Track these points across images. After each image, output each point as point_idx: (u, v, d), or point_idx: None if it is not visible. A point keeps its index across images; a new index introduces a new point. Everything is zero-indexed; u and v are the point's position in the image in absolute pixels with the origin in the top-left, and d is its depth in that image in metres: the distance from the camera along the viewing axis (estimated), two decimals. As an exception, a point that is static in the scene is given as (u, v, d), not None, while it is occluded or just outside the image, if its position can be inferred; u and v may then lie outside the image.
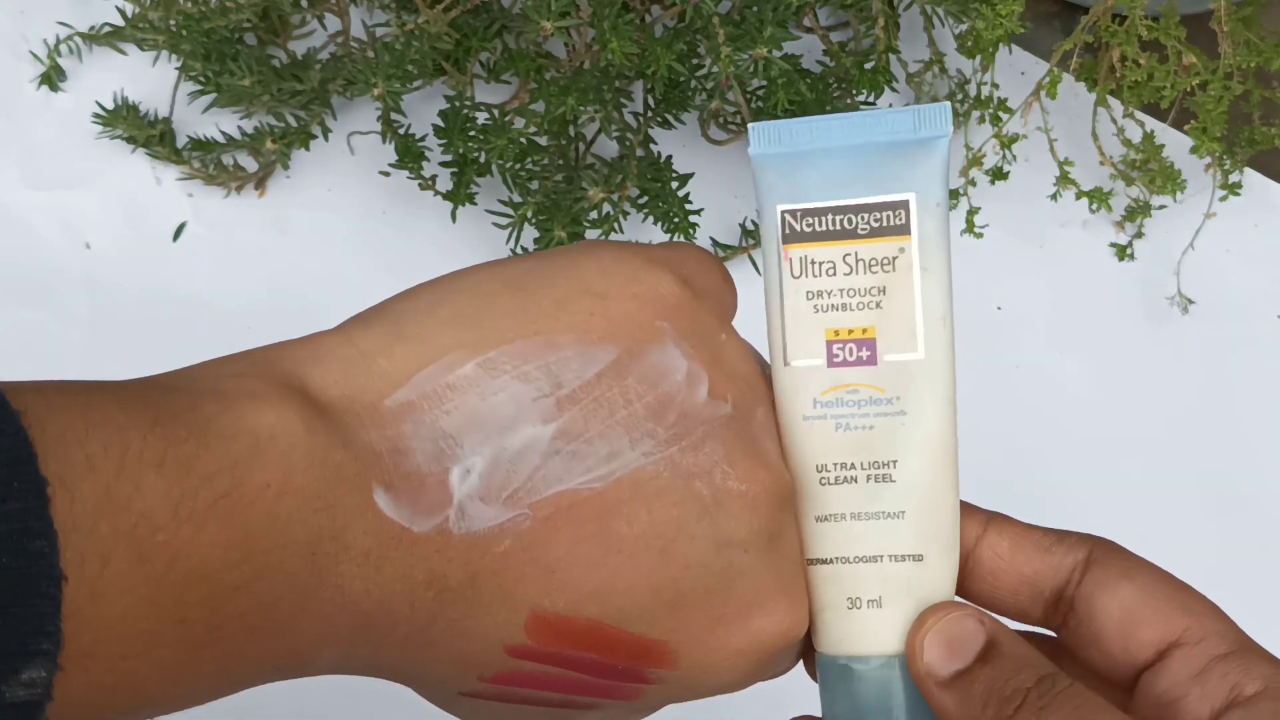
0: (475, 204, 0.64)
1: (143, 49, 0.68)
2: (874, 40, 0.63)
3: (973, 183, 0.67)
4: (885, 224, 0.33)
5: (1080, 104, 0.68)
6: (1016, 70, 0.71)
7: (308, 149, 0.66)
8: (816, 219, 0.34)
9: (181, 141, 0.67)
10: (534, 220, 0.62)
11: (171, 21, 0.65)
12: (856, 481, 0.34)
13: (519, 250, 0.63)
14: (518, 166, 0.63)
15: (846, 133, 0.34)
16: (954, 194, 0.67)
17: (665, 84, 0.60)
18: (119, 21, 0.68)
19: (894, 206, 0.33)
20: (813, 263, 0.34)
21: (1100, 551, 0.34)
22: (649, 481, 0.30)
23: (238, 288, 0.66)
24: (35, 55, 0.69)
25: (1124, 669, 0.34)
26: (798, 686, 0.37)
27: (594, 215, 0.62)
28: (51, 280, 0.66)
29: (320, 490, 0.27)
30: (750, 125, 0.35)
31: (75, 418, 0.25)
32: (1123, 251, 0.68)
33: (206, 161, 0.67)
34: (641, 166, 0.63)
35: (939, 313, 0.33)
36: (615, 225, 0.62)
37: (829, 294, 0.34)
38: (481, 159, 0.63)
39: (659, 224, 0.63)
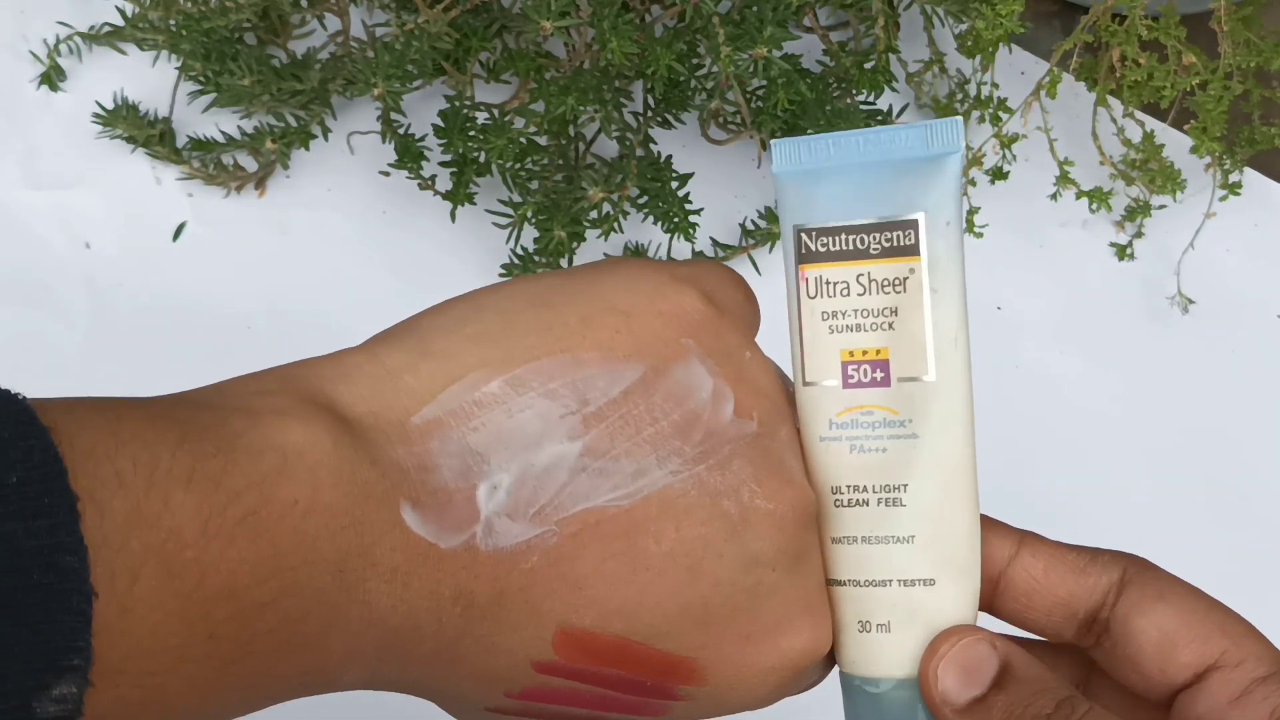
0: (475, 204, 0.64)
1: (142, 49, 0.68)
2: (874, 40, 0.63)
3: (973, 182, 0.67)
4: (896, 244, 0.33)
5: (1080, 104, 0.68)
6: (1016, 70, 0.71)
7: (307, 149, 0.66)
8: (830, 239, 0.34)
9: (181, 141, 0.67)
10: (534, 220, 0.62)
11: (171, 21, 0.65)
12: (868, 504, 0.34)
13: (518, 250, 0.63)
14: (517, 166, 0.63)
15: (863, 150, 0.34)
16: (954, 194, 0.67)
17: (665, 84, 0.60)
18: (119, 21, 0.68)
19: (904, 227, 0.33)
20: (827, 283, 0.34)
21: (1134, 572, 0.34)
22: (676, 499, 0.30)
23: (238, 287, 0.66)
24: (35, 55, 0.69)
25: (1160, 690, 0.33)
26: (817, 702, 0.37)
27: (594, 215, 0.62)
28: (51, 280, 0.66)
29: (348, 507, 0.27)
30: (773, 142, 0.35)
31: (104, 434, 0.25)
32: (1123, 251, 0.68)
33: (206, 161, 0.67)
34: (641, 166, 0.63)
35: (950, 335, 0.33)
36: (615, 225, 0.62)
37: (843, 314, 0.34)
38: (481, 159, 0.63)
39: (659, 224, 0.63)
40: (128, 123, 0.67)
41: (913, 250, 0.33)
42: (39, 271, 0.66)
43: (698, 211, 0.63)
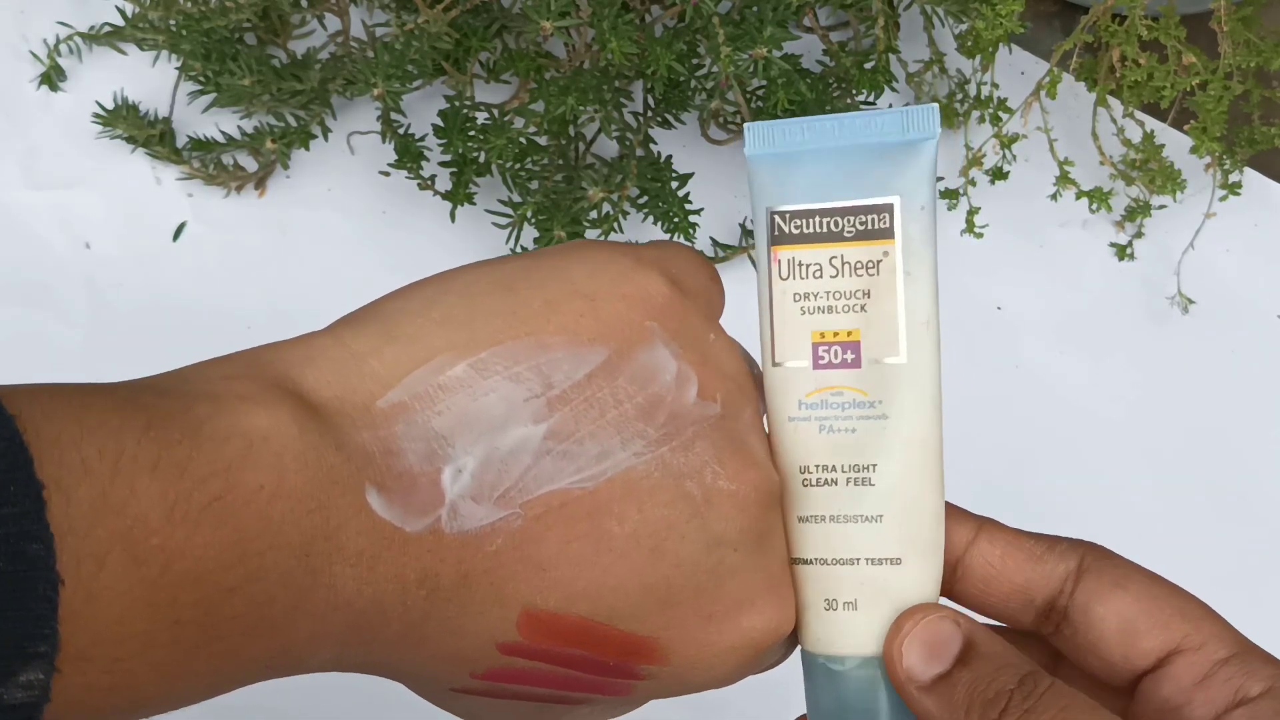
0: (474, 204, 0.64)
1: (143, 49, 0.68)
2: (874, 40, 0.63)
3: (973, 183, 0.67)
4: (870, 227, 0.34)
5: (1080, 104, 0.68)
6: (1016, 70, 0.71)
7: (307, 149, 0.66)
8: (804, 221, 0.34)
9: (181, 141, 0.67)
10: (533, 220, 0.62)
11: (171, 21, 0.65)
12: (837, 484, 0.34)
13: (518, 250, 0.63)
14: (517, 166, 0.63)
15: (838, 134, 0.34)
16: (954, 194, 0.67)
17: (665, 84, 0.60)
18: (119, 21, 0.68)
19: (878, 210, 0.34)
20: (800, 265, 0.34)
21: (1092, 559, 0.34)
22: (640, 481, 0.31)
23: (237, 287, 0.66)
24: (35, 55, 0.69)
25: (1123, 675, 0.34)
26: (795, 679, 0.37)
27: (594, 215, 0.62)
28: (51, 280, 0.66)
29: (313, 492, 0.28)
30: (746, 125, 0.35)
31: (70, 422, 0.25)
32: (1123, 251, 0.68)
33: (206, 161, 0.67)
34: (641, 166, 0.63)
35: (922, 317, 0.34)
36: (615, 225, 0.62)
37: (815, 296, 0.34)
38: (481, 159, 0.63)
39: (659, 224, 0.63)
40: (128, 123, 0.67)
41: (887, 234, 0.34)
42: (39, 271, 0.66)
43: (698, 211, 0.63)
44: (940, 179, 0.62)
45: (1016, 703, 0.31)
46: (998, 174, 0.66)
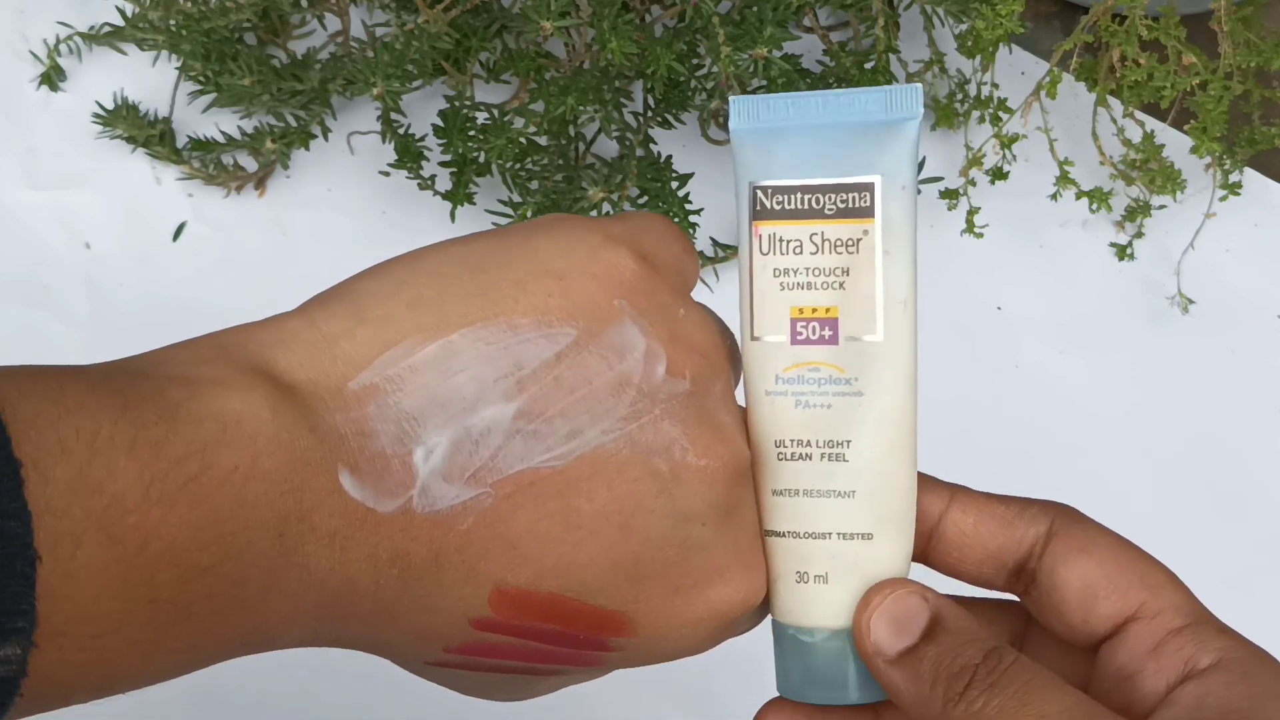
0: (475, 204, 0.64)
1: (143, 49, 0.68)
2: (874, 40, 0.63)
3: (973, 183, 0.67)
4: (851, 205, 0.34)
5: (1080, 104, 0.68)
6: (1016, 70, 0.71)
7: (307, 149, 0.66)
8: (786, 197, 0.34)
9: (181, 141, 0.67)
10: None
11: (171, 21, 0.65)
12: (811, 459, 0.34)
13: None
14: (517, 166, 0.63)
15: (822, 111, 0.34)
16: (954, 194, 0.67)
17: (665, 84, 0.60)
18: (119, 21, 0.68)
19: (859, 189, 0.34)
20: (781, 240, 0.34)
21: (1061, 523, 0.35)
22: (609, 459, 0.31)
23: (238, 287, 0.66)
24: (35, 55, 0.69)
25: (1084, 639, 0.34)
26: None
27: (594, 215, 0.62)
28: (51, 280, 0.66)
29: (287, 473, 0.28)
30: (731, 99, 0.35)
31: (47, 402, 0.26)
32: (1123, 251, 0.68)
33: (206, 161, 0.67)
34: (641, 166, 0.63)
35: (900, 296, 0.34)
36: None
37: (795, 272, 0.34)
38: (481, 159, 0.63)
39: (659, 224, 0.63)
40: (128, 123, 0.67)
41: (867, 212, 0.34)
42: (39, 271, 0.66)
43: (698, 211, 0.63)
44: (940, 179, 0.62)
45: (981, 676, 0.31)
46: (998, 174, 0.66)
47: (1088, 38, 0.63)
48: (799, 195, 0.34)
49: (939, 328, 0.67)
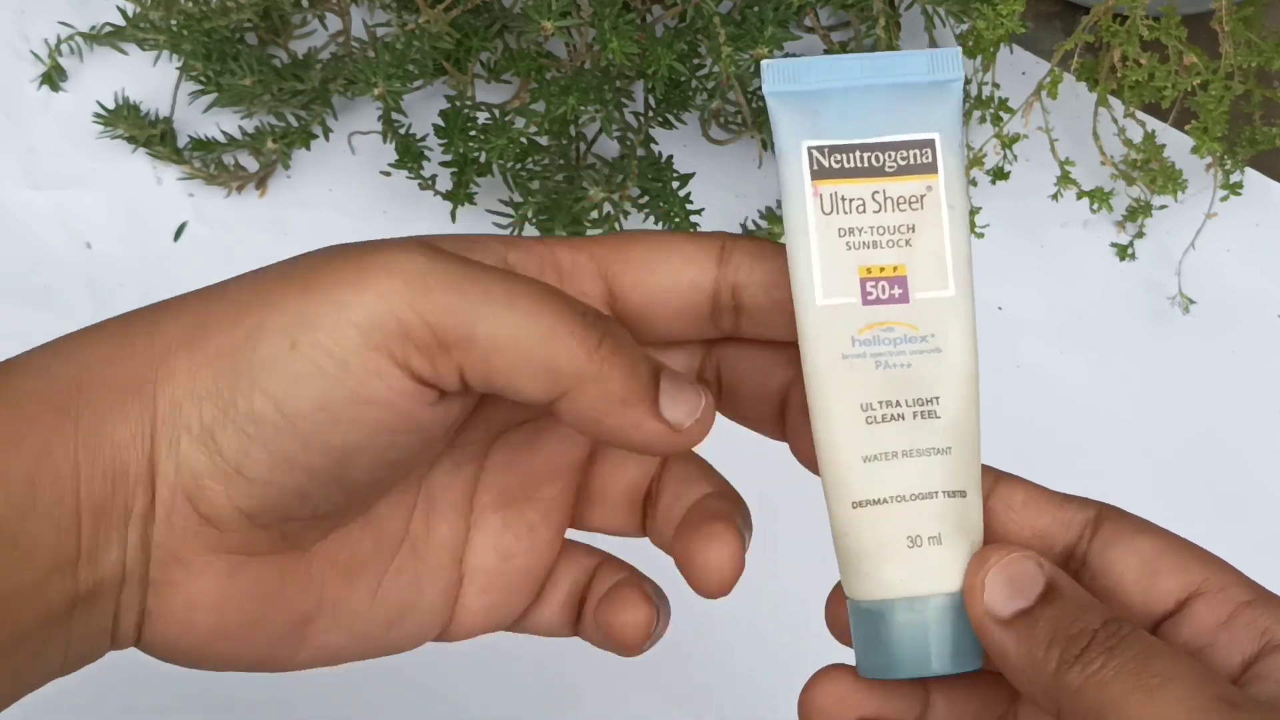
0: (475, 204, 0.64)
1: (143, 49, 0.68)
2: (875, 40, 0.63)
3: (974, 183, 0.67)
4: (913, 162, 0.33)
5: (1081, 104, 0.68)
6: (1017, 70, 0.71)
7: (308, 149, 0.66)
8: (845, 155, 0.33)
9: (182, 141, 0.67)
10: (535, 220, 0.62)
11: (172, 21, 0.65)
12: (904, 419, 0.33)
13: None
14: (518, 166, 0.63)
15: (862, 73, 0.33)
16: (955, 194, 0.67)
17: (666, 84, 0.60)
18: (120, 21, 0.68)
19: (920, 145, 0.33)
20: (843, 199, 0.33)
21: (1109, 511, 0.35)
22: None
23: (238, 287, 0.66)
24: (36, 55, 0.69)
25: (1142, 618, 0.34)
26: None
27: (595, 215, 0.62)
28: (51, 280, 0.66)
29: None
30: (764, 63, 0.34)
31: None
32: (1124, 251, 0.68)
33: (207, 161, 0.67)
34: (642, 166, 0.63)
35: (964, 251, 0.33)
36: (616, 225, 0.62)
37: (860, 231, 0.33)
38: (482, 159, 0.63)
39: (660, 223, 0.63)
40: (129, 123, 0.67)
41: (930, 168, 0.33)
42: (40, 272, 0.66)
43: (699, 211, 0.63)
44: (941, 179, 0.62)
45: (1100, 640, 0.30)
46: (999, 174, 0.66)
47: (1089, 38, 0.63)
48: (858, 153, 0.33)
49: (940, 328, 0.67)
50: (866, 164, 0.33)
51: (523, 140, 0.61)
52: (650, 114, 0.65)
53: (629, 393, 0.32)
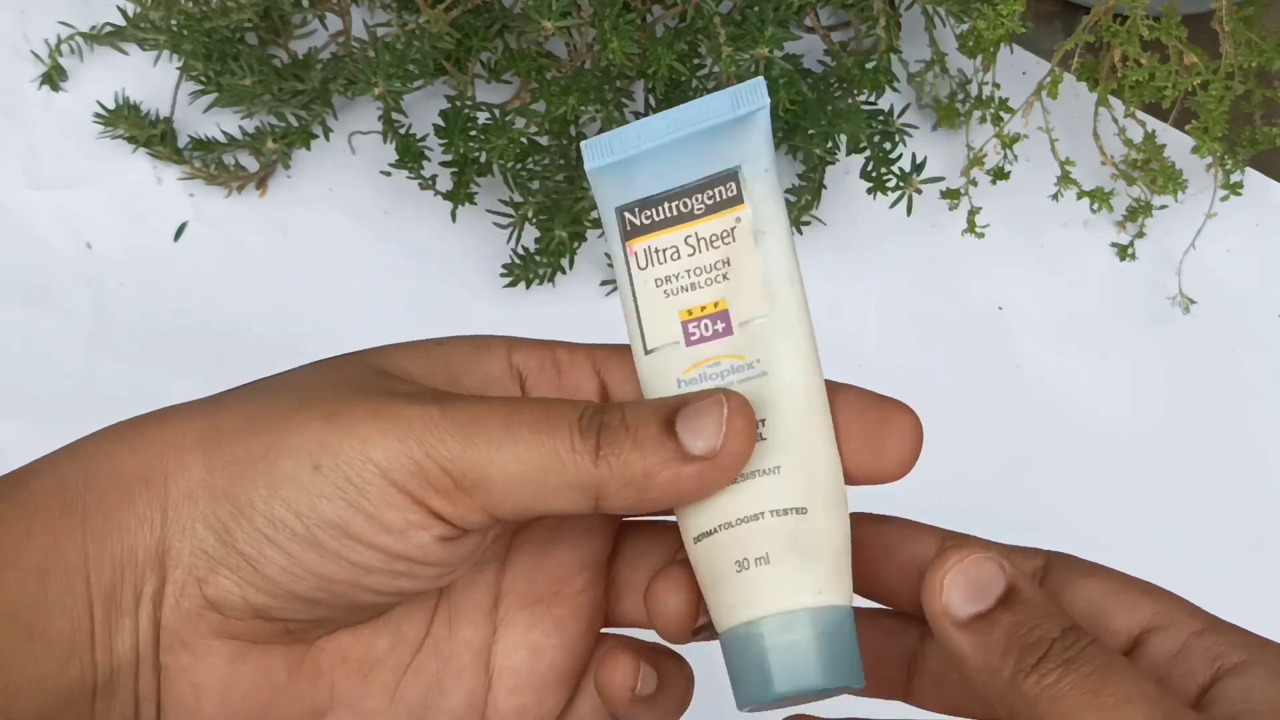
0: (475, 204, 0.64)
1: (144, 49, 0.68)
2: (875, 40, 0.63)
3: (974, 183, 0.67)
4: (719, 198, 0.34)
5: (1081, 104, 0.68)
6: (1018, 70, 0.71)
7: (309, 149, 0.66)
8: (654, 209, 0.34)
9: (183, 141, 0.67)
10: (535, 220, 0.62)
11: (173, 21, 0.65)
12: None
13: (519, 250, 0.63)
14: (518, 166, 0.63)
15: (671, 127, 0.34)
16: (955, 194, 0.67)
17: (666, 84, 0.60)
18: (120, 21, 0.68)
19: (723, 180, 0.34)
20: (657, 251, 0.34)
21: (1057, 558, 0.35)
22: None
23: (239, 287, 0.66)
24: (36, 55, 0.69)
25: None
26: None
27: (595, 215, 0.62)
28: (51, 280, 0.66)
29: None
30: (581, 143, 0.35)
31: None
32: (1124, 251, 0.68)
33: (208, 161, 0.67)
34: (642, 166, 0.63)
35: (782, 272, 0.34)
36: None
37: (676, 277, 0.34)
38: (482, 159, 0.63)
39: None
40: (129, 123, 0.67)
41: (736, 200, 0.34)
42: (40, 272, 0.66)
43: (699, 211, 0.63)
44: (941, 179, 0.62)
45: (1057, 651, 0.30)
46: (999, 174, 0.66)
47: (1089, 38, 0.63)
48: (666, 204, 0.34)
49: (939, 327, 0.67)
50: (675, 212, 0.34)
51: (523, 140, 0.61)
52: (650, 114, 0.65)
53: (647, 465, 0.32)
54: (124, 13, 0.68)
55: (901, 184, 0.61)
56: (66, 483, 0.32)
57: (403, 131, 0.64)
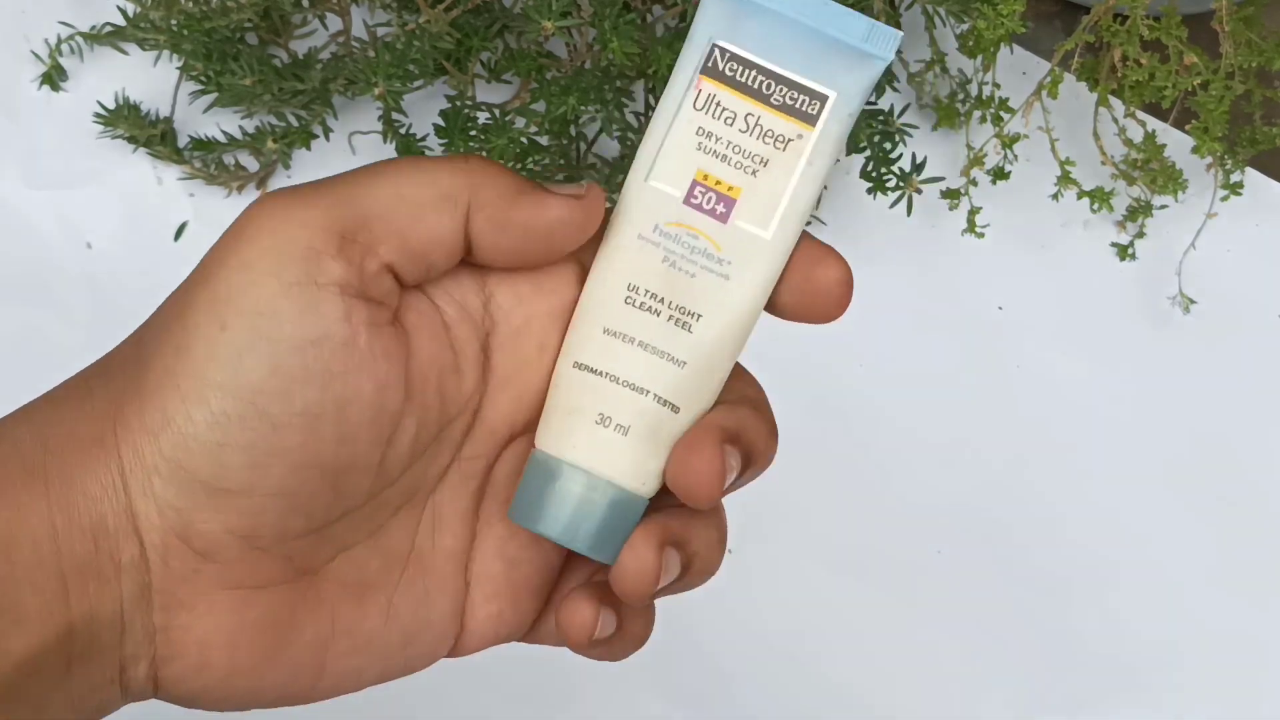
0: (476, 204, 0.64)
1: (144, 49, 0.68)
2: (875, 40, 0.63)
3: (974, 183, 0.67)
4: (797, 106, 0.34)
5: (1081, 104, 0.68)
6: (1018, 70, 0.71)
7: (309, 149, 0.66)
8: (741, 68, 0.34)
9: (183, 141, 0.67)
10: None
11: (173, 21, 0.65)
12: (659, 315, 0.34)
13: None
14: (519, 166, 0.63)
15: (805, 7, 0.34)
16: (955, 194, 0.67)
17: (666, 84, 0.60)
18: (120, 21, 0.68)
19: (812, 95, 0.34)
20: (719, 104, 0.34)
21: None
22: None
23: (239, 287, 0.66)
24: (36, 55, 0.69)
25: None
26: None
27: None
28: (52, 280, 0.66)
29: None
30: None
31: None
32: (1124, 251, 0.68)
33: (208, 161, 0.67)
34: (642, 166, 0.63)
35: (799, 209, 0.34)
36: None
37: (717, 139, 0.34)
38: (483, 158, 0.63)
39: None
40: (129, 122, 0.67)
41: (810, 119, 0.34)
42: (40, 271, 0.66)
43: (699, 211, 0.63)
44: (941, 179, 0.62)
45: None
46: (999, 174, 0.66)
47: (1089, 38, 0.63)
48: (753, 73, 0.34)
49: (940, 327, 0.67)
50: (756, 86, 0.34)
51: (523, 140, 0.61)
52: (650, 114, 0.65)
53: (519, 182, 0.34)
54: (124, 13, 0.68)
55: (901, 184, 0.61)
56: (23, 449, 0.32)
57: (403, 131, 0.64)
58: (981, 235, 0.66)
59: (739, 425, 0.35)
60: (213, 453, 0.31)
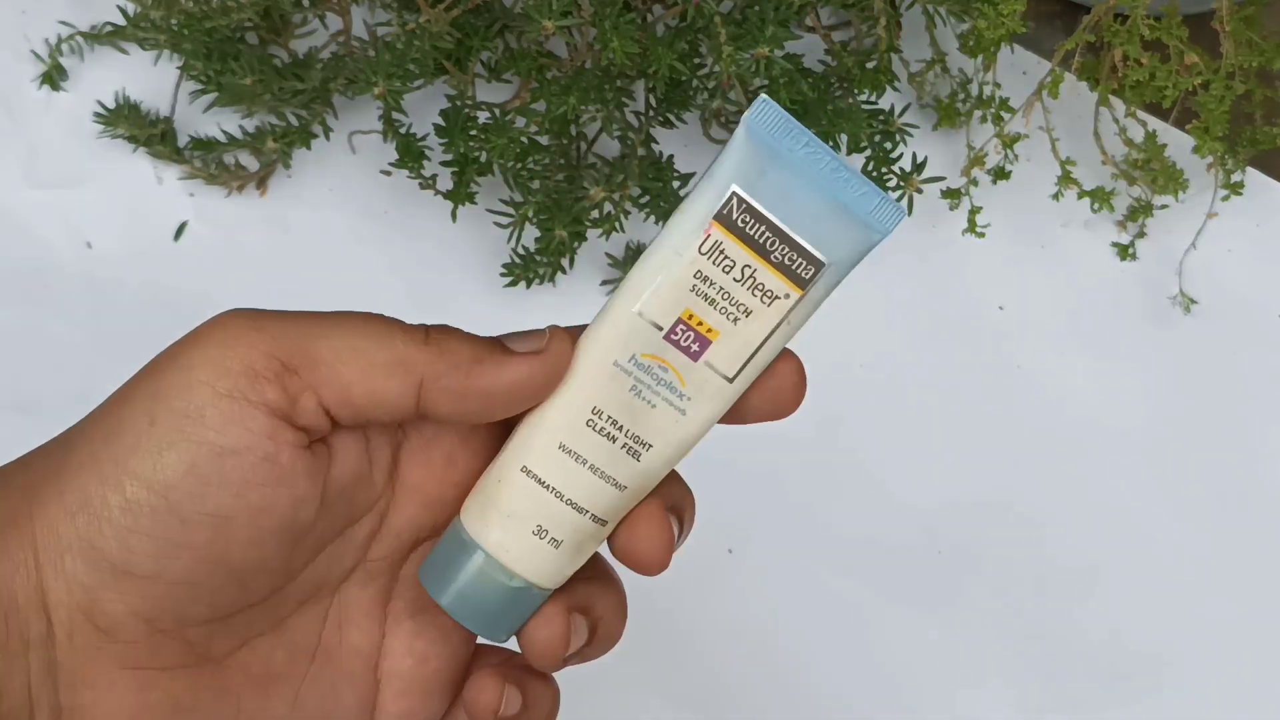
0: (476, 203, 0.64)
1: (144, 48, 0.68)
2: (876, 39, 0.63)
3: (975, 182, 0.67)
4: (793, 267, 0.35)
5: (1082, 104, 0.68)
6: (1018, 70, 0.71)
7: (309, 148, 0.66)
8: (752, 221, 0.35)
9: (183, 141, 0.67)
10: (535, 219, 0.62)
11: (173, 21, 0.65)
12: (615, 442, 0.35)
13: (520, 249, 0.63)
14: (519, 166, 0.63)
15: (826, 170, 0.35)
16: (956, 194, 0.67)
17: (667, 83, 0.60)
18: (120, 21, 0.68)
19: (811, 261, 0.35)
20: (723, 252, 0.35)
21: None
22: None
23: (239, 287, 0.66)
24: (37, 54, 0.69)
25: None
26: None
27: (595, 214, 0.62)
28: (52, 280, 0.66)
29: None
30: (762, 96, 0.35)
31: None
32: (1125, 251, 0.68)
33: (208, 161, 0.67)
34: (643, 166, 0.63)
35: (766, 359, 0.35)
36: (616, 224, 0.62)
37: (712, 284, 0.35)
38: (482, 158, 0.63)
39: (660, 223, 0.63)
40: (129, 122, 0.67)
41: (802, 282, 0.35)
42: (40, 271, 0.66)
43: (699, 211, 0.62)
44: (942, 179, 0.62)
45: None
46: (1000, 174, 0.66)
47: (1090, 37, 0.63)
48: (762, 227, 0.35)
49: (940, 327, 0.67)
50: (761, 241, 0.35)
51: (523, 140, 0.61)
52: (651, 113, 0.65)
53: (476, 350, 0.34)
54: (124, 12, 0.68)
55: (902, 184, 0.61)
56: None
57: (403, 131, 0.64)
58: (982, 235, 0.66)
59: (681, 499, 0.37)
60: (123, 537, 0.32)
